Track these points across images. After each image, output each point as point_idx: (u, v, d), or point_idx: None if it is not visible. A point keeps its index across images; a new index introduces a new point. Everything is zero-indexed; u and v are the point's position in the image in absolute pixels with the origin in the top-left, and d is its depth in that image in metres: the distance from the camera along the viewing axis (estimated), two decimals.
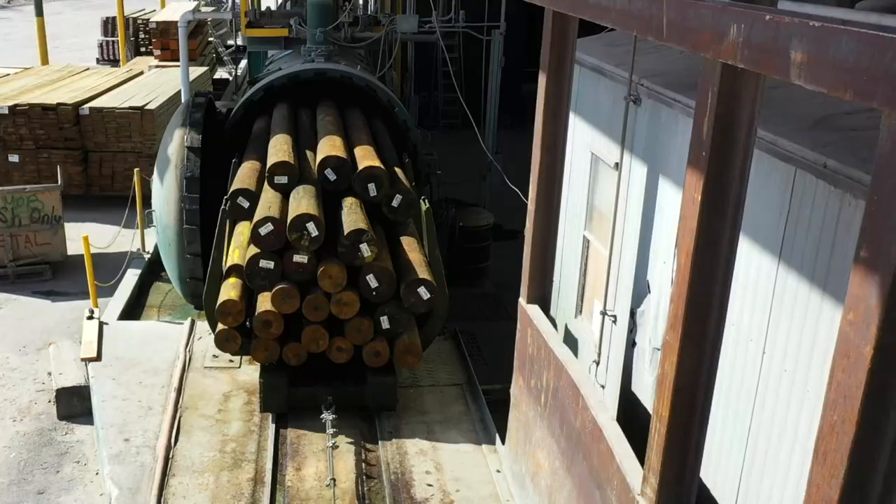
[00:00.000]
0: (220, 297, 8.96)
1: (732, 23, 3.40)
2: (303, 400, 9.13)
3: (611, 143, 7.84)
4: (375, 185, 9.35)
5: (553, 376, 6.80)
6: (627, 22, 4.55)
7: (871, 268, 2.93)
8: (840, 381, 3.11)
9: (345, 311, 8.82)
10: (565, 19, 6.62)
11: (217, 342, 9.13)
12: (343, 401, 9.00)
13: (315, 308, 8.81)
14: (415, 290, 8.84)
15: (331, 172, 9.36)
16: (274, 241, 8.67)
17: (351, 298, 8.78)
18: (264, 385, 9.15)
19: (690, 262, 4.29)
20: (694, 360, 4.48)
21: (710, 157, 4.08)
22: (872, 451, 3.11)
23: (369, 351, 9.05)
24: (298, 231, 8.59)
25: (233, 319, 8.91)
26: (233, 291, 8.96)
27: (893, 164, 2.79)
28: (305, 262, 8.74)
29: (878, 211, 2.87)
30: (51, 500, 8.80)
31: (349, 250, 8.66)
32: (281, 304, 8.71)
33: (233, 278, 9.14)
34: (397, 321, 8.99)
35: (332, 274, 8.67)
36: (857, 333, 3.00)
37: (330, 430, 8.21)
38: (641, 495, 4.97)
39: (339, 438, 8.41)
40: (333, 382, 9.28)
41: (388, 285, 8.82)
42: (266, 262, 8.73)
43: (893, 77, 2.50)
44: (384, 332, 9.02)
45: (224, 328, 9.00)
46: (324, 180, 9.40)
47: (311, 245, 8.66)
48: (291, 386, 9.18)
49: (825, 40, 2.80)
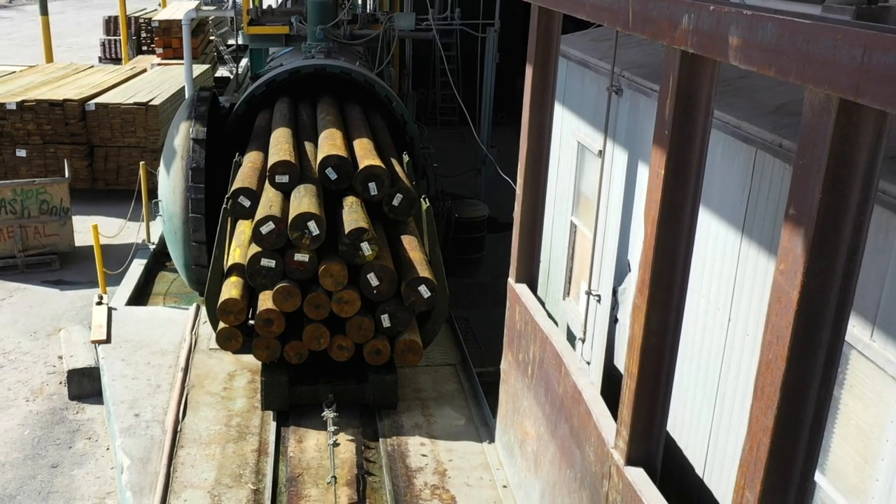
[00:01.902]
0: (222, 295, 9.01)
1: (684, 13, 3.87)
2: (304, 398, 9.29)
3: (595, 132, 8.31)
4: (376, 184, 9.44)
5: (539, 348, 7.26)
6: (599, 14, 5.01)
7: (797, 223, 3.39)
8: (774, 324, 3.57)
9: (346, 310, 8.87)
10: (549, 14, 7.08)
11: (218, 341, 9.17)
12: (344, 399, 9.20)
13: (316, 306, 8.84)
14: (415, 288, 8.91)
15: (332, 171, 9.45)
16: (275, 240, 8.74)
17: (352, 297, 8.83)
18: (265, 383, 9.21)
19: (655, 231, 4.75)
20: (660, 321, 4.94)
21: (672, 136, 4.54)
22: (802, 385, 3.57)
23: (370, 349, 9.09)
24: (300, 230, 8.64)
25: (234, 318, 8.97)
26: (234, 290, 9.03)
27: (814, 133, 3.25)
28: (306, 260, 8.79)
29: (802, 174, 3.33)
30: (64, 472, 9.25)
31: (350, 249, 8.72)
32: (282, 302, 8.76)
33: (234, 277, 9.22)
34: (398, 319, 9.03)
35: (333, 272, 8.73)
36: (786, 281, 3.46)
37: (331, 427, 8.25)
38: (615, 448, 5.43)
39: (337, 416, 8.70)
40: (334, 380, 9.40)
41: (389, 284, 8.87)
42: (267, 261, 8.79)
43: (804, 56, 2.97)
44: (385, 331, 9.08)
45: (225, 327, 9.05)
46: (325, 179, 9.49)
47: (312, 244, 8.72)
48: (292, 384, 9.27)
49: (755, 26, 3.26)
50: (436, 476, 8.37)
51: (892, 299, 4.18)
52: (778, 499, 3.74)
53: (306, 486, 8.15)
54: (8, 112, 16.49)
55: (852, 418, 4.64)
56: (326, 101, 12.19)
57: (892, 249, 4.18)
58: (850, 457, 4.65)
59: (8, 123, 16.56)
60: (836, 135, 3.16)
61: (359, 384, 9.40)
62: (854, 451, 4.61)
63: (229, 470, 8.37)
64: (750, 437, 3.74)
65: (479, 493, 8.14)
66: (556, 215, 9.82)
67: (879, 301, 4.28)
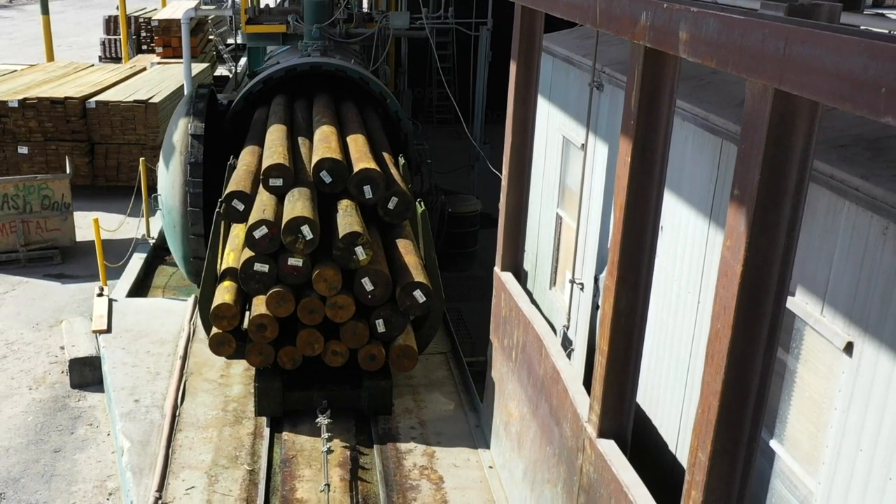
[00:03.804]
0: (215, 300, 8.91)
1: (643, 10, 4.18)
2: (297, 403, 9.22)
3: (579, 127, 8.63)
4: (371, 187, 9.33)
5: (522, 333, 7.58)
6: (572, 12, 5.33)
7: (741, 203, 3.70)
8: (721, 296, 3.88)
9: (340, 315, 8.76)
10: (532, 13, 7.39)
11: (211, 346, 9.07)
12: (338, 404, 9.18)
13: (310, 311, 8.75)
14: (411, 293, 8.81)
15: (326, 175, 9.35)
16: (268, 245, 8.65)
17: (346, 302, 8.72)
18: (259, 389, 9.14)
19: (623, 215, 5.06)
20: (629, 300, 5.25)
21: (637, 125, 4.85)
22: (748, 352, 3.88)
23: (365, 355, 8.99)
24: (293, 234, 8.54)
25: (227, 323, 8.85)
26: (227, 295, 8.91)
27: (755, 119, 3.56)
28: (300, 265, 8.68)
29: (744, 157, 3.65)
30: (66, 457, 9.56)
31: (344, 253, 8.62)
32: (276, 307, 8.66)
33: (227, 281, 9.08)
34: (393, 325, 8.93)
35: (328, 277, 8.62)
36: (732, 256, 3.78)
37: (325, 434, 8.20)
38: (588, 422, 5.74)
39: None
40: (328, 386, 9.34)
41: (384, 288, 8.77)
42: (261, 266, 8.69)
43: (739, 49, 3.28)
44: (380, 336, 8.98)
45: (218, 332, 8.94)
46: (319, 182, 9.39)
47: (306, 248, 8.63)
48: (286, 390, 9.21)
49: (700, 22, 3.57)
50: (424, 457, 8.70)
51: (838, 277, 4.49)
52: (728, 459, 4.05)
53: (300, 467, 8.47)
54: (10, 110, 16.81)
55: (807, 390, 4.96)
56: (322, 98, 12.48)
57: (839, 230, 4.49)
58: (804, 427, 4.97)
59: (10, 121, 16.88)
60: (773, 121, 3.47)
61: (353, 390, 9.37)
62: (808, 421, 4.92)
63: (226, 452, 8.69)
64: (702, 401, 4.06)
65: (466, 474, 8.46)
66: (543, 209, 10.15)
67: (828, 279, 4.59)
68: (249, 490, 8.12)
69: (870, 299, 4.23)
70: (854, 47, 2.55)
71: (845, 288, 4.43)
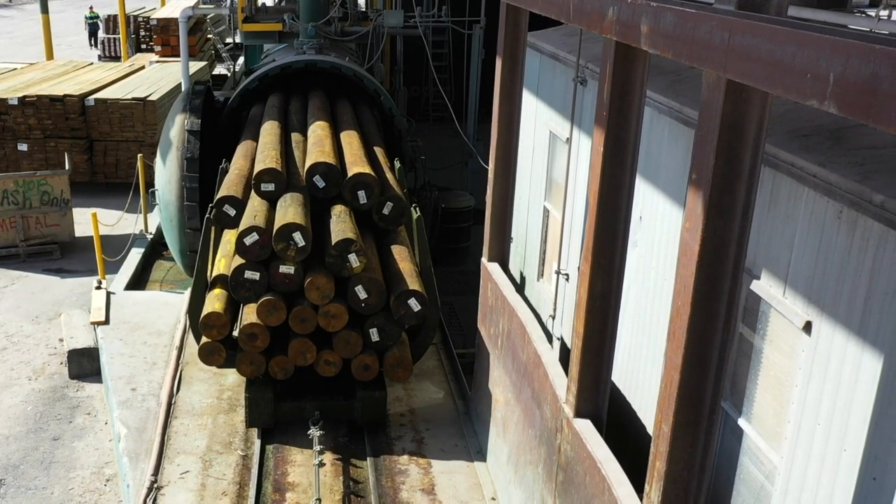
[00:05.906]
0: (205, 308, 8.74)
1: (610, 5, 4.41)
2: (289, 414, 9.01)
3: (564, 121, 8.84)
4: (366, 192, 9.14)
5: (507, 321, 7.81)
6: (549, 8, 5.56)
7: (698, 186, 3.92)
8: (681, 275, 4.10)
9: (333, 324, 8.53)
10: (516, 10, 7.62)
11: (201, 355, 8.84)
12: (331, 415, 8.99)
13: (302, 320, 8.51)
14: (405, 301, 8.55)
15: (319, 179, 9.14)
16: (259, 252, 8.40)
17: (339, 310, 8.49)
18: (250, 399, 8.92)
19: (597, 202, 5.29)
20: (603, 284, 5.47)
21: (610, 116, 5.07)
22: (708, 327, 4.10)
23: (358, 364, 8.76)
24: (285, 241, 8.32)
25: (217, 332, 8.63)
26: (217, 303, 8.72)
27: (710, 107, 3.78)
28: (292, 272, 8.45)
29: (701, 143, 3.87)
30: (65, 444, 9.79)
31: (337, 261, 8.38)
32: (267, 316, 8.42)
33: (218, 289, 8.90)
34: (387, 334, 8.68)
35: (320, 285, 8.39)
36: (690, 236, 4.00)
37: (317, 446, 8.12)
38: (566, 403, 5.97)
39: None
40: (321, 397, 9.12)
41: (378, 297, 8.52)
42: (251, 273, 8.43)
43: (691, 40, 3.50)
44: (374, 345, 8.74)
45: (208, 341, 8.74)
46: (312, 187, 9.17)
47: (298, 255, 8.40)
48: (278, 400, 9.00)
49: (658, 15, 3.80)
50: (413, 443, 8.93)
51: (798, 259, 4.72)
52: (690, 430, 4.28)
53: (292, 453, 8.69)
54: (10, 107, 17.05)
55: (772, 370, 5.18)
56: (317, 95, 12.69)
57: (798, 216, 4.72)
58: (769, 404, 5.19)
59: (10, 118, 17.12)
60: (726, 108, 3.70)
61: (347, 401, 9.14)
62: (773, 399, 5.15)
63: (220, 438, 8.92)
64: (665, 375, 4.28)
65: (454, 459, 8.70)
66: (532, 202, 10.37)
67: (790, 261, 4.82)
68: (242, 474, 8.35)
69: (826, 280, 4.46)
70: (784, 37, 2.77)
71: (805, 270, 4.65)
